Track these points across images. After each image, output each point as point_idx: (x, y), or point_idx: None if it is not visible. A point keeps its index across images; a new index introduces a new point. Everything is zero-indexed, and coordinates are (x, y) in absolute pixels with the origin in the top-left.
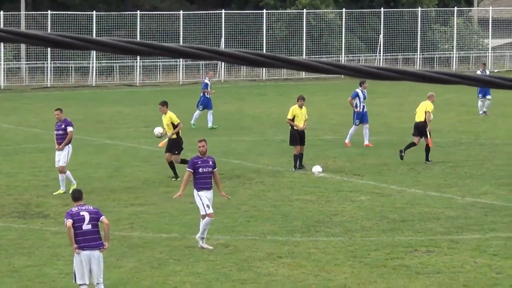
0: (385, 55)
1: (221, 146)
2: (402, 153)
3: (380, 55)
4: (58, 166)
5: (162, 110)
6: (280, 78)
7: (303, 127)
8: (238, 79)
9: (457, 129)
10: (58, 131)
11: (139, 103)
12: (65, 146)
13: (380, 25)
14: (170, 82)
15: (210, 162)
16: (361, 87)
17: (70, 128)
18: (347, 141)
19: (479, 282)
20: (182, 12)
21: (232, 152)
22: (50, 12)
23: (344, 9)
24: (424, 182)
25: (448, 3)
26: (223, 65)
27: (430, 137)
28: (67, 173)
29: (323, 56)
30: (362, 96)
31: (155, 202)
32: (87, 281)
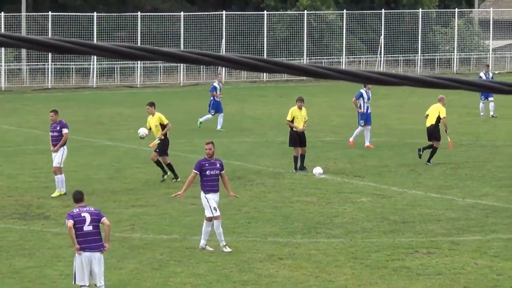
0: (385, 57)
1: (222, 147)
2: (421, 152)
3: (380, 57)
4: (52, 167)
5: (150, 111)
6: (281, 79)
7: (303, 129)
8: (239, 81)
9: (457, 130)
10: (53, 133)
11: (140, 105)
12: (59, 148)
13: (380, 26)
14: (170, 83)
15: (218, 165)
16: (365, 88)
17: (66, 130)
18: (351, 139)
19: (480, 284)
20: (183, 13)
21: (232, 153)
22: (51, 13)
23: (344, 10)
24: (424, 183)
25: (449, 4)
26: None
27: (450, 140)
28: (62, 176)
29: (324, 57)
30: (366, 97)
31: (156, 203)
32: (87, 282)
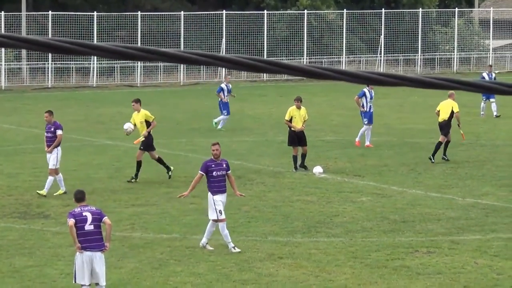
0: (386, 56)
1: (222, 146)
2: (445, 156)
3: (381, 56)
4: (48, 169)
5: (135, 107)
6: (281, 79)
7: (301, 128)
8: (239, 80)
9: (458, 130)
10: (48, 133)
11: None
12: (53, 149)
13: (381, 25)
14: (170, 82)
15: (224, 165)
16: (368, 87)
17: (60, 131)
18: (357, 139)
19: (480, 283)
20: (183, 12)
21: (233, 152)
22: (51, 12)
23: (345, 9)
24: (425, 183)
25: (449, 4)
26: None
27: (462, 132)
28: (59, 176)
29: (324, 56)
30: (369, 95)
31: (156, 202)
32: (88, 282)
